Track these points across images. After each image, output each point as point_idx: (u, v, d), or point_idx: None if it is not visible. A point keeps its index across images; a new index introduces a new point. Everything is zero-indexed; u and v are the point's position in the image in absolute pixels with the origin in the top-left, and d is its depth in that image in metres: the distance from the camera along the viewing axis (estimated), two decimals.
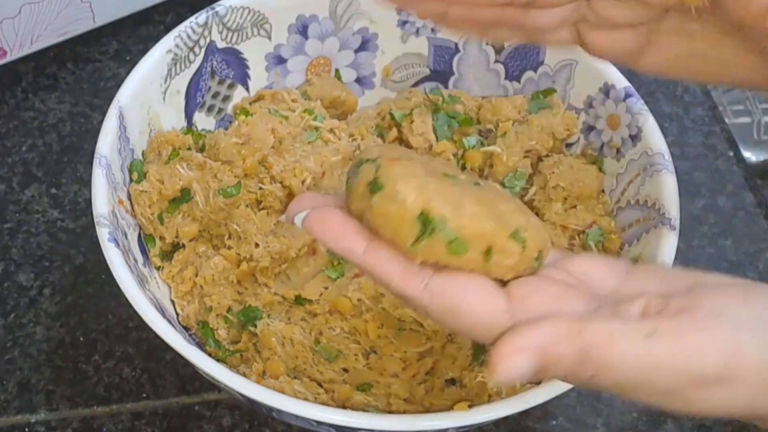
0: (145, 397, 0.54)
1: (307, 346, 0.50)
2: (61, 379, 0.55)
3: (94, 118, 0.66)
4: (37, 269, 0.59)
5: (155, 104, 0.54)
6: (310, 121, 0.56)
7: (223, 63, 0.58)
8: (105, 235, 0.46)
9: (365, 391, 0.49)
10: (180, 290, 0.52)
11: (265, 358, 0.49)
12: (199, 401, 0.54)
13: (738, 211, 0.65)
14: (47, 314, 0.57)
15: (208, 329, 0.51)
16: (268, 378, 0.49)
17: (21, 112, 0.67)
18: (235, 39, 0.57)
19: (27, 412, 0.54)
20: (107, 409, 0.54)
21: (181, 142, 0.54)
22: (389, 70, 0.62)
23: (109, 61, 0.70)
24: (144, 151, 0.54)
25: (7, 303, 0.58)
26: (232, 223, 0.52)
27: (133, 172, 0.52)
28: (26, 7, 0.63)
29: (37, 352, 0.56)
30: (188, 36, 0.55)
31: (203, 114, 0.58)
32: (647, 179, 0.52)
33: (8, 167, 0.64)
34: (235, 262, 0.52)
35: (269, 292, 0.52)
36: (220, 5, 0.56)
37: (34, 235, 0.61)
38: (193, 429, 0.53)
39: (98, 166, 0.49)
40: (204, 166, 0.52)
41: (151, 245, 0.53)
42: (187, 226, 0.52)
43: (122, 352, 0.56)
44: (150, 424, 0.53)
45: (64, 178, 0.64)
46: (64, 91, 0.68)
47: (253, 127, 0.54)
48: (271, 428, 0.53)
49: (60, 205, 0.62)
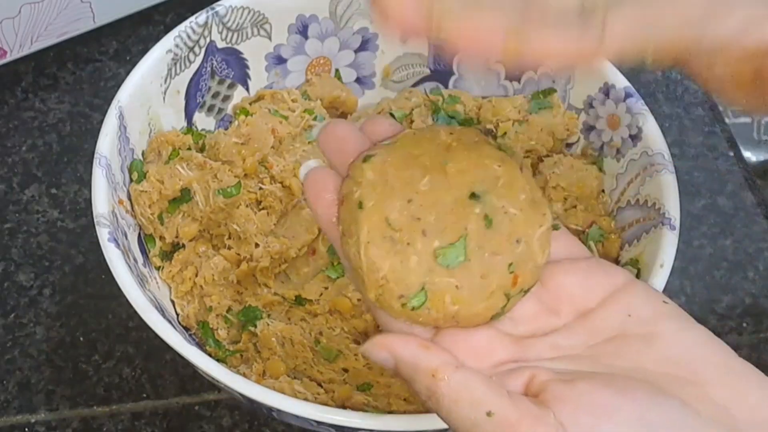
0: (145, 397, 0.54)
1: (307, 346, 0.50)
2: (61, 379, 0.55)
3: (94, 118, 0.67)
4: (37, 269, 0.59)
5: (155, 104, 0.54)
6: (310, 121, 0.56)
7: (223, 63, 0.58)
8: (105, 235, 0.46)
9: (365, 391, 0.49)
10: (180, 290, 0.52)
11: (265, 358, 0.49)
12: (199, 401, 0.54)
13: (738, 211, 0.65)
14: (47, 314, 0.57)
15: (208, 329, 0.51)
16: (268, 378, 0.49)
17: (21, 112, 0.67)
18: (235, 39, 0.57)
19: (27, 412, 0.54)
20: (107, 409, 0.54)
21: (181, 142, 0.54)
22: (389, 70, 0.62)
23: (109, 61, 0.70)
24: (144, 151, 0.54)
25: (7, 303, 0.58)
26: (232, 223, 0.52)
27: (133, 172, 0.52)
28: (26, 7, 0.63)
29: (37, 352, 0.56)
30: (188, 36, 0.55)
31: (203, 114, 0.58)
32: (647, 179, 0.52)
33: (8, 167, 0.64)
34: (235, 262, 0.52)
35: (269, 292, 0.52)
36: (220, 5, 0.56)
37: (34, 235, 0.61)
38: (193, 429, 0.53)
39: (98, 166, 0.49)
40: (204, 166, 0.52)
41: (151, 245, 0.53)
42: (187, 226, 0.52)
43: (122, 352, 0.56)
44: (150, 424, 0.53)
45: (64, 178, 0.64)
46: (64, 91, 0.68)
47: (253, 127, 0.54)
48: (271, 428, 0.53)
49: (60, 205, 0.62)
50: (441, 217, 0.35)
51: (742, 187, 0.66)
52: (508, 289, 0.35)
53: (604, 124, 0.56)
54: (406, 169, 0.35)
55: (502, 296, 0.35)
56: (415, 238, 0.34)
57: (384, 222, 0.34)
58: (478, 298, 0.34)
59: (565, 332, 0.36)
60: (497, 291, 0.35)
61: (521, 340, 0.36)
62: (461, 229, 0.35)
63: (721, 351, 0.35)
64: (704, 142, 0.69)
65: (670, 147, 0.53)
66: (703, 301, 0.60)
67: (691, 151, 0.68)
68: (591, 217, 0.54)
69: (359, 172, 0.36)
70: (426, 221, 0.34)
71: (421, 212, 0.35)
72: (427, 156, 0.36)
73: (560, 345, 0.35)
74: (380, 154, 0.36)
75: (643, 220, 0.51)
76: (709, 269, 0.62)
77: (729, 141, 0.68)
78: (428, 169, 0.35)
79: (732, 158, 0.68)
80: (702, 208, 0.65)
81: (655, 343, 0.34)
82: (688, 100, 0.71)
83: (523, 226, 0.35)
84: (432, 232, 0.34)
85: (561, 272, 0.37)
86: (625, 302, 0.36)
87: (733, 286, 0.61)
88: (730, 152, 0.68)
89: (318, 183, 0.37)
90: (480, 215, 0.35)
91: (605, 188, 0.55)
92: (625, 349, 0.34)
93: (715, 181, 0.66)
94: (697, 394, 0.33)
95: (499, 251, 0.35)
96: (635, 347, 0.34)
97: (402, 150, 0.36)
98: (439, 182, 0.35)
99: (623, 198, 0.54)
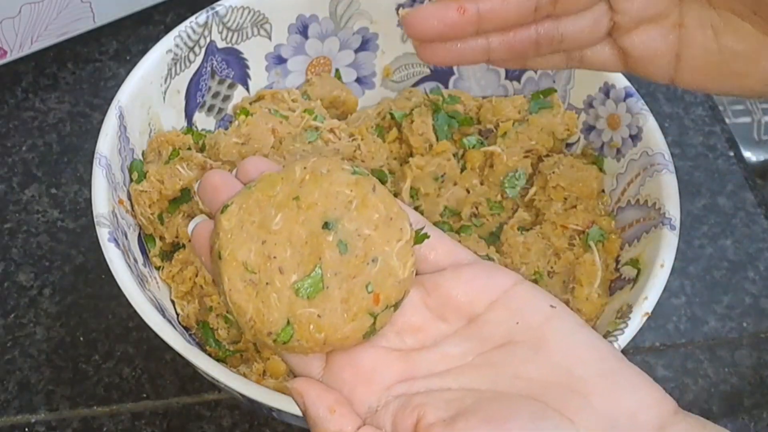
0: (145, 397, 0.54)
1: None
2: (61, 379, 0.55)
3: (94, 118, 0.67)
4: (37, 269, 0.59)
5: (155, 104, 0.54)
6: (310, 121, 0.56)
7: (223, 63, 0.58)
8: (105, 235, 0.46)
9: None
10: (180, 290, 0.52)
11: (265, 358, 0.49)
12: (199, 401, 0.54)
13: (738, 211, 0.65)
14: (47, 314, 0.57)
15: (208, 329, 0.51)
16: (268, 378, 0.49)
17: (21, 112, 0.67)
18: (235, 39, 0.57)
19: (27, 412, 0.54)
20: (107, 409, 0.54)
21: (181, 142, 0.54)
22: (389, 70, 0.62)
23: (109, 61, 0.70)
24: (144, 151, 0.54)
25: (7, 303, 0.58)
26: None
27: (133, 172, 0.52)
28: (26, 7, 0.63)
29: (37, 352, 0.56)
30: (188, 36, 0.55)
31: (203, 114, 0.58)
32: (647, 179, 0.52)
33: (8, 167, 0.64)
34: None
35: None
36: (220, 5, 0.56)
37: (34, 235, 0.61)
38: (193, 429, 0.53)
39: (98, 166, 0.49)
40: (204, 166, 0.52)
41: (151, 245, 0.53)
42: (187, 226, 0.52)
43: (122, 352, 0.56)
44: (150, 424, 0.53)
45: (64, 178, 0.64)
46: (64, 91, 0.68)
47: (253, 127, 0.54)
48: (271, 428, 0.53)
49: (60, 205, 0.62)
50: (296, 251, 0.36)
51: (742, 187, 0.66)
52: (371, 308, 0.36)
53: (604, 123, 0.56)
54: (259, 212, 0.37)
55: (367, 316, 0.36)
56: (272, 276, 0.36)
57: (242, 267, 0.36)
58: (341, 322, 0.36)
59: (455, 339, 0.37)
60: (359, 312, 0.36)
61: (410, 354, 0.37)
62: (316, 259, 0.36)
63: (607, 355, 0.35)
64: (704, 142, 0.69)
65: (670, 147, 0.53)
66: (703, 301, 0.60)
67: (691, 151, 0.68)
68: (591, 217, 0.54)
69: (218, 223, 0.38)
70: (281, 258, 0.36)
71: (276, 251, 0.36)
72: (281, 194, 0.37)
73: (450, 354, 0.36)
74: (236, 201, 0.38)
75: (643, 220, 0.51)
76: (709, 269, 0.62)
77: (729, 141, 0.68)
78: (281, 207, 0.37)
79: (732, 158, 0.68)
80: (702, 208, 0.65)
81: (541, 349, 0.35)
82: (688, 100, 0.71)
83: (380, 245, 0.37)
84: (288, 267, 0.36)
85: (445, 280, 0.38)
86: (512, 307, 0.37)
87: (733, 286, 0.61)
88: (730, 152, 0.68)
89: (202, 237, 0.39)
90: (333, 243, 0.36)
91: (605, 188, 0.55)
92: (512, 356, 0.35)
93: (715, 181, 0.66)
94: (579, 404, 0.33)
95: (356, 273, 0.36)
96: (522, 355, 0.35)
97: (258, 193, 0.38)
98: (292, 218, 0.37)
99: (623, 198, 0.54)
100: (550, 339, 0.35)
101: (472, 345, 0.36)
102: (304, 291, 0.36)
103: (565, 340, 0.36)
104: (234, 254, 0.36)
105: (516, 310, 0.37)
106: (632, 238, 0.52)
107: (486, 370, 0.35)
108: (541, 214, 0.55)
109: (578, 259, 0.52)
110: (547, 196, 0.55)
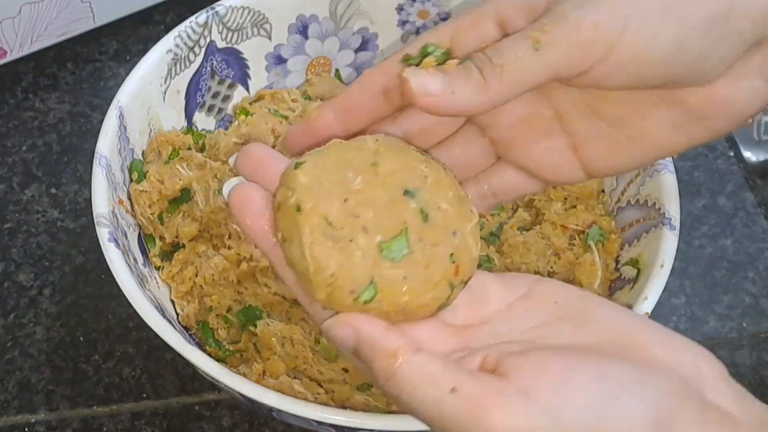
0: (145, 397, 0.54)
1: (307, 346, 0.50)
2: (61, 379, 0.55)
3: (94, 118, 0.67)
4: (37, 269, 0.59)
5: (155, 104, 0.54)
6: None
7: (223, 63, 0.58)
8: (105, 235, 0.47)
9: (365, 391, 0.49)
10: (180, 290, 0.52)
11: (265, 358, 0.49)
12: (199, 401, 0.54)
13: (738, 211, 0.65)
14: (47, 314, 0.57)
15: (208, 329, 0.51)
16: (268, 378, 0.49)
17: (21, 112, 0.67)
18: (235, 39, 0.57)
19: (27, 412, 0.54)
20: (107, 409, 0.54)
21: (181, 142, 0.54)
22: None
23: (109, 61, 0.70)
24: (144, 151, 0.54)
25: (7, 303, 0.58)
26: (232, 222, 0.52)
27: (133, 172, 0.52)
28: (26, 7, 0.63)
29: (37, 352, 0.56)
30: (188, 36, 0.55)
31: (203, 114, 0.58)
32: (647, 179, 0.52)
33: (8, 167, 0.64)
34: (235, 262, 0.52)
35: (269, 292, 0.52)
36: (220, 5, 0.56)
37: (34, 235, 0.61)
38: (193, 429, 0.53)
39: (98, 166, 0.49)
40: (204, 166, 0.52)
41: (151, 245, 0.53)
42: (187, 226, 0.52)
43: (122, 352, 0.56)
44: (150, 424, 0.53)
45: (64, 178, 0.64)
46: (64, 91, 0.68)
47: (253, 127, 0.54)
48: (271, 428, 0.53)
49: (60, 205, 0.62)
50: (379, 213, 0.36)
51: (742, 187, 0.66)
52: (451, 279, 0.36)
53: None
54: (337, 172, 0.36)
55: (447, 286, 0.36)
56: (356, 234, 0.35)
57: (324, 221, 0.35)
58: (425, 287, 0.35)
59: (500, 319, 0.37)
60: (441, 281, 0.36)
61: (463, 330, 0.37)
62: (400, 223, 0.35)
63: (648, 321, 0.36)
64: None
65: None
66: (703, 301, 0.60)
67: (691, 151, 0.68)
68: (591, 217, 0.54)
69: (292, 178, 0.37)
70: (365, 218, 0.35)
71: (359, 210, 0.35)
72: (356, 160, 0.37)
73: (499, 332, 0.36)
74: (310, 160, 0.37)
75: (643, 220, 0.51)
76: (709, 269, 0.62)
77: (729, 141, 0.68)
78: (359, 171, 0.36)
79: (732, 158, 0.67)
80: (702, 208, 0.65)
81: (589, 321, 0.35)
82: None
83: (456, 221, 0.36)
84: (372, 227, 0.35)
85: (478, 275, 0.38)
86: (546, 293, 0.37)
87: (733, 286, 0.61)
88: (730, 152, 0.68)
89: (243, 196, 0.38)
90: (416, 210, 0.36)
91: (605, 188, 0.55)
92: (561, 330, 0.35)
93: (715, 181, 0.66)
94: (643, 356, 0.33)
95: (439, 242, 0.36)
96: (570, 328, 0.35)
97: (331, 156, 0.37)
98: (372, 182, 0.36)
99: (623, 198, 0.54)
100: (593, 310, 0.36)
101: (518, 324, 0.36)
102: (390, 252, 0.35)
103: (607, 311, 0.36)
104: (317, 208, 0.35)
105: (550, 294, 0.37)
106: (632, 238, 0.52)
107: (539, 342, 0.35)
108: (541, 214, 0.55)
109: (578, 259, 0.52)
110: (547, 196, 0.55)
